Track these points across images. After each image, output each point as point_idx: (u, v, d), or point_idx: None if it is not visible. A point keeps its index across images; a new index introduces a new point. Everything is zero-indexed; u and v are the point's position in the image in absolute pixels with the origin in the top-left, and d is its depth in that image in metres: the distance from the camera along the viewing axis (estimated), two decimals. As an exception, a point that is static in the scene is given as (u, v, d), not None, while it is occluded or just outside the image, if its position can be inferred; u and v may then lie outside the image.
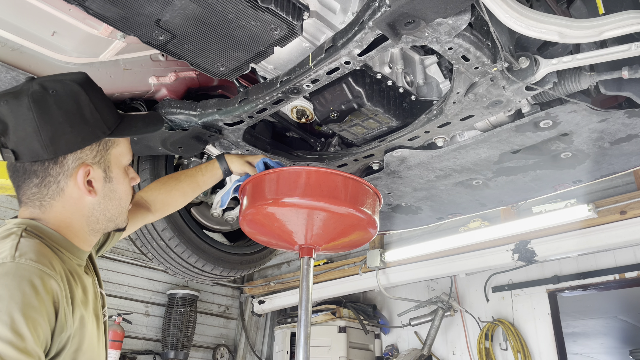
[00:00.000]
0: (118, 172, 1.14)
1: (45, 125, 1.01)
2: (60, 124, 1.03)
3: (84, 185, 1.07)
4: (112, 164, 1.13)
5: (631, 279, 4.11)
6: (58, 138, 1.03)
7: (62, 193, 1.06)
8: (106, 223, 1.14)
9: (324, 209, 1.50)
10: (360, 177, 1.58)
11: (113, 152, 1.14)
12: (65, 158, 1.05)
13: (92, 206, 1.10)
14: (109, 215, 1.13)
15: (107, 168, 1.12)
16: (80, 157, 1.07)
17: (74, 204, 1.07)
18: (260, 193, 1.56)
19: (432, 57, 1.89)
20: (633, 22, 1.27)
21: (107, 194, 1.12)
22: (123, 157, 1.17)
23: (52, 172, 1.05)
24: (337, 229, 1.58)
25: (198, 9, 1.38)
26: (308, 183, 1.49)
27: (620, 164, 2.02)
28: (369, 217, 1.57)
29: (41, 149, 1.02)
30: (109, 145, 1.13)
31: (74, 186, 1.07)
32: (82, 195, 1.08)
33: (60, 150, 1.04)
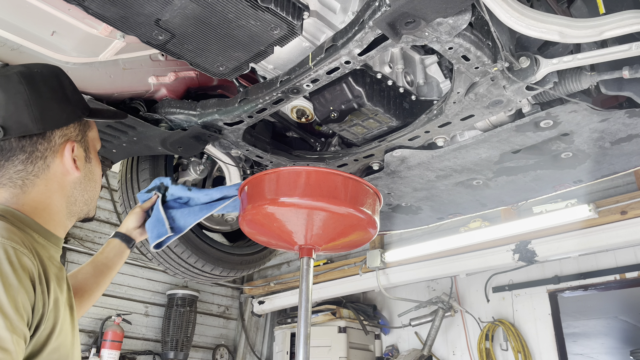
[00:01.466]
0: (95, 154, 1.17)
1: (36, 100, 1.03)
2: (48, 100, 1.05)
3: (71, 161, 1.08)
4: (90, 145, 1.16)
5: (632, 279, 4.11)
6: (46, 113, 1.04)
7: (47, 170, 1.06)
8: (82, 206, 1.14)
9: (324, 209, 1.49)
10: (360, 177, 1.58)
11: (90, 135, 1.17)
12: (52, 133, 1.06)
13: (74, 185, 1.10)
14: (86, 196, 1.14)
15: (86, 148, 1.14)
16: (66, 133, 1.09)
17: (57, 182, 1.07)
18: (260, 193, 1.56)
19: (433, 56, 1.89)
20: (633, 21, 1.27)
21: (87, 174, 1.14)
22: (97, 141, 1.20)
23: (40, 148, 1.04)
24: (337, 229, 1.58)
25: (198, 8, 1.38)
26: (308, 183, 1.49)
27: (620, 163, 2.02)
28: (369, 217, 1.57)
29: (31, 123, 1.02)
30: (87, 127, 1.16)
31: (59, 163, 1.07)
32: (65, 172, 1.08)
33: (49, 125, 1.05)
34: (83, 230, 5.15)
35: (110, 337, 4.80)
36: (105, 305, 5.18)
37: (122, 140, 1.95)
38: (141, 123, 1.88)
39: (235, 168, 2.31)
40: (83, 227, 5.14)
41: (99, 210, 5.31)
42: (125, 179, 2.33)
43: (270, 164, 2.16)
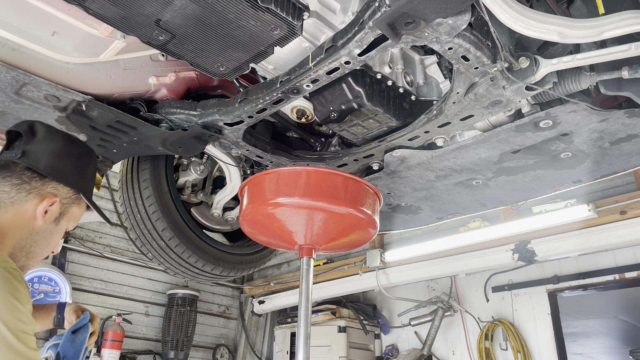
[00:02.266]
0: (64, 225, 1.27)
1: (63, 155, 1.22)
2: (70, 161, 1.24)
3: (43, 209, 1.18)
4: (67, 215, 1.26)
5: (631, 279, 4.11)
6: (60, 167, 1.21)
7: (22, 204, 1.16)
8: (23, 256, 1.19)
9: (324, 209, 1.50)
10: (360, 177, 1.58)
11: (74, 209, 1.28)
12: (50, 182, 1.20)
13: (31, 232, 1.18)
14: (32, 249, 1.20)
15: (62, 214, 1.25)
16: (59, 190, 1.22)
17: (21, 219, 1.16)
18: (260, 193, 1.56)
19: (432, 57, 1.89)
20: (633, 22, 1.27)
21: (46, 232, 1.21)
22: (75, 220, 1.30)
23: (33, 183, 1.18)
24: (337, 229, 1.58)
25: (198, 9, 1.38)
26: (308, 183, 1.49)
27: (620, 163, 2.02)
28: (369, 217, 1.57)
29: (43, 164, 1.18)
30: (76, 202, 1.28)
31: (35, 205, 1.18)
32: (33, 217, 1.17)
33: (53, 174, 1.20)
34: (84, 230, 5.16)
35: (111, 336, 4.80)
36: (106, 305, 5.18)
37: (123, 140, 1.96)
38: (141, 123, 1.88)
39: (235, 168, 2.31)
40: (83, 227, 5.14)
41: (99, 210, 5.30)
42: (125, 179, 2.33)
43: (270, 164, 2.17)
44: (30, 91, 1.69)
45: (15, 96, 1.70)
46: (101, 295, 5.17)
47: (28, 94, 1.70)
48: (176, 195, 2.33)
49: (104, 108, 1.80)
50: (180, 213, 2.31)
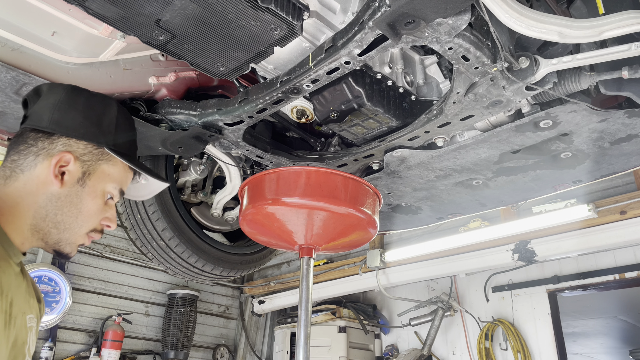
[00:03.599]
0: (95, 186, 1.09)
1: (64, 105, 1.08)
2: (77, 110, 1.09)
3: (55, 168, 1.04)
4: (95, 174, 1.09)
5: (631, 279, 4.11)
6: (66, 120, 1.07)
7: (33, 169, 1.04)
8: (51, 227, 1.05)
9: (324, 209, 1.50)
10: (360, 177, 1.58)
11: (103, 167, 1.11)
12: (58, 139, 1.07)
13: (50, 198, 1.04)
14: (59, 218, 1.05)
15: (87, 173, 1.09)
16: (71, 145, 1.07)
17: (36, 186, 1.03)
18: (260, 193, 1.56)
19: (432, 57, 1.89)
20: (633, 22, 1.27)
21: (71, 195, 1.06)
22: (110, 180, 1.12)
23: (39, 144, 1.05)
24: (337, 229, 1.58)
25: (198, 9, 1.38)
26: (308, 183, 1.49)
27: (620, 164, 2.02)
28: (369, 217, 1.57)
29: (46, 120, 1.06)
30: (104, 158, 1.11)
31: (46, 167, 1.04)
32: (49, 180, 1.04)
33: (60, 129, 1.06)
34: (83, 230, 5.16)
35: (111, 336, 4.80)
36: (106, 304, 5.18)
37: (123, 140, 1.95)
38: (141, 123, 1.88)
39: (235, 168, 2.31)
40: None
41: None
42: (125, 178, 2.33)
43: (270, 164, 2.17)
44: (30, 91, 1.69)
45: (15, 96, 1.70)
46: (101, 295, 5.17)
47: (28, 94, 1.70)
48: (176, 195, 2.33)
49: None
50: (180, 213, 2.31)
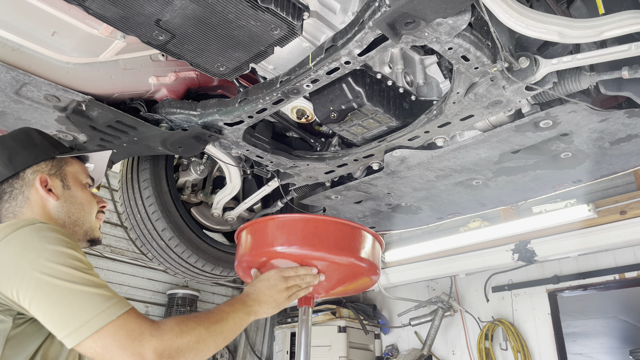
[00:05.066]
0: (75, 183, 1.33)
1: (3, 151, 1.26)
2: (13, 148, 1.28)
3: (43, 189, 1.25)
4: (68, 176, 1.32)
5: (631, 279, 4.11)
6: (14, 158, 1.26)
7: (29, 201, 1.24)
8: (73, 227, 1.28)
9: (324, 259, 1.42)
10: (360, 225, 1.51)
11: (68, 169, 1.33)
12: (24, 172, 1.26)
13: (56, 209, 1.26)
14: (73, 218, 1.29)
15: (64, 179, 1.31)
16: (37, 169, 1.28)
17: (40, 208, 1.25)
18: (257, 241, 1.47)
19: (432, 57, 1.89)
20: (633, 22, 1.27)
21: (68, 199, 1.29)
22: (79, 174, 1.35)
23: (16, 185, 1.25)
24: (338, 277, 1.50)
25: (198, 9, 1.38)
26: (307, 232, 1.41)
27: (620, 163, 2.02)
28: (371, 264, 1.50)
29: (3, 169, 1.25)
30: (62, 163, 1.33)
31: (36, 193, 1.25)
32: (44, 199, 1.25)
33: (18, 166, 1.26)
34: (83, 230, 5.16)
35: (111, 336, 4.80)
36: (105, 305, 5.18)
37: (123, 140, 1.96)
38: (142, 123, 1.88)
39: (235, 168, 2.31)
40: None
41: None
42: (125, 179, 2.33)
43: (271, 164, 2.17)
44: (30, 91, 1.69)
45: (15, 96, 1.70)
46: (101, 295, 5.16)
47: (28, 94, 1.70)
48: (176, 195, 2.33)
49: (104, 108, 1.80)
50: (180, 213, 2.31)
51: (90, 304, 0.99)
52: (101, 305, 1.00)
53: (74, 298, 1.00)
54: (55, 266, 1.02)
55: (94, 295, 1.01)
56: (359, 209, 2.56)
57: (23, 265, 1.01)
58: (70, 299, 0.99)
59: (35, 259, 1.02)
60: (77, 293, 1.00)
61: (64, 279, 1.01)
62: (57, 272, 1.01)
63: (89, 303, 0.99)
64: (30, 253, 1.03)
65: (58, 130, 1.88)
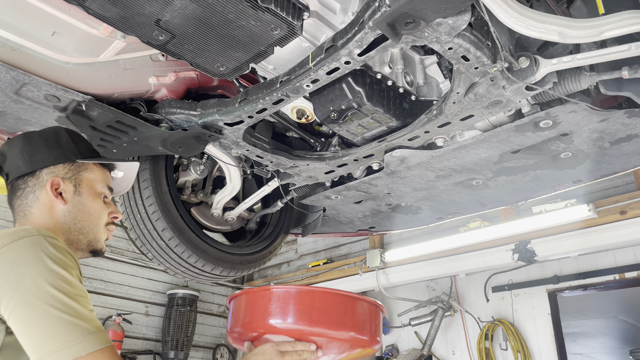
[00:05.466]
0: (89, 191, 1.31)
1: (27, 147, 1.28)
2: (38, 145, 1.29)
3: (53, 191, 1.25)
4: (83, 183, 1.31)
5: (631, 279, 4.11)
6: (35, 155, 1.27)
7: (38, 201, 1.25)
8: (77, 234, 1.27)
9: (323, 335, 1.34)
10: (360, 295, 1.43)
11: (85, 175, 1.32)
12: (40, 172, 1.27)
13: (63, 214, 1.26)
14: (79, 225, 1.27)
15: (77, 184, 1.29)
16: (53, 171, 1.28)
17: (48, 210, 1.25)
18: (250, 313, 1.39)
19: (432, 57, 1.89)
20: (633, 22, 1.27)
21: (77, 205, 1.28)
22: (96, 182, 1.33)
23: (30, 184, 1.26)
24: (336, 351, 1.43)
25: (198, 9, 1.38)
26: (304, 305, 1.32)
27: (620, 163, 2.02)
28: (371, 335, 1.43)
29: (23, 165, 1.26)
30: (81, 169, 1.32)
31: (46, 194, 1.25)
32: (53, 202, 1.25)
33: (37, 164, 1.26)
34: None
35: (111, 336, 4.80)
36: (106, 304, 5.18)
37: (123, 140, 1.96)
38: (142, 123, 1.88)
39: (235, 168, 2.31)
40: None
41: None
42: (125, 178, 2.33)
43: (271, 164, 2.17)
44: (30, 91, 1.69)
45: (15, 96, 1.70)
46: (101, 295, 5.17)
47: (28, 94, 1.70)
48: (176, 195, 2.33)
49: (104, 108, 1.80)
50: (180, 213, 2.31)
51: (64, 333, 0.96)
52: (75, 338, 0.96)
53: (49, 324, 0.97)
54: (42, 286, 1.00)
55: (70, 325, 0.98)
56: (359, 209, 2.56)
57: (10, 280, 1.00)
58: (46, 324, 0.97)
59: (22, 275, 1.00)
60: (54, 319, 0.97)
61: (46, 302, 0.98)
62: (41, 292, 0.99)
63: (63, 332, 0.96)
64: (20, 268, 1.01)
65: (58, 130, 1.88)
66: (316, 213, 2.71)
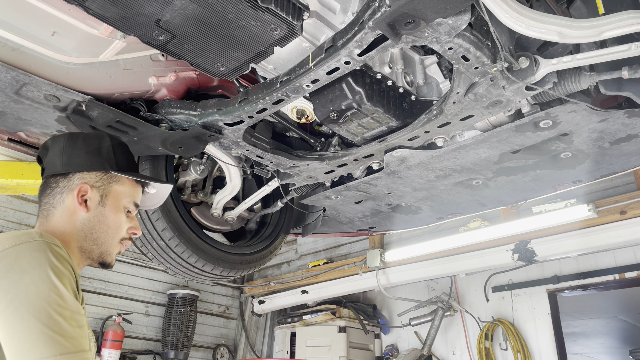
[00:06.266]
0: (114, 203, 1.31)
1: (68, 148, 1.30)
2: (79, 149, 1.31)
3: (78, 197, 1.26)
4: (110, 194, 1.31)
5: (631, 279, 4.11)
6: (73, 158, 1.29)
7: (63, 204, 1.26)
8: (91, 244, 1.27)
9: None
10: None
11: (115, 187, 1.32)
12: (73, 175, 1.28)
13: (83, 221, 1.26)
14: (95, 236, 1.28)
15: (104, 195, 1.30)
16: (85, 177, 1.29)
17: (69, 215, 1.26)
18: None
19: (432, 57, 1.89)
20: (633, 22, 1.27)
21: (97, 215, 1.28)
22: (124, 196, 1.34)
23: (60, 184, 1.28)
24: None
25: (198, 9, 1.38)
26: None
27: (620, 163, 2.02)
28: None
29: (59, 165, 1.29)
30: (113, 180, 1.32)
31: (72, 199, 1.26)
32: (76, 208, 1.26)
33: (71, 167, 1.29)
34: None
35: (111, 336, 4.80)
36: (106, 304, 5.18)
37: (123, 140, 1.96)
38: (142, 123, 1.88)
39: (235, 168, 2.31)
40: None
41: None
42: (125, 178, 2.32)
43: (271, 164, 2.17)
44: (30, 91, 1.69)
45: (15, 96, 1.70)
46: (101, 295, 5.17)
47: (28, 94, 1.70)
48: (176, 195, 2.33)
49: (104, 108, 1.80)
50: (180, 213, 2.31)
51: (41, 348, 0.95)
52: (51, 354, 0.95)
53: (30, 335, 0.96)
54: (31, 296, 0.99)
55: (50, 340, 0.96)
56: (359, 209, 2.56)
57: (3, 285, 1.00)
58: (26, 336, 0.96)
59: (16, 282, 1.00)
60: (35, 331, 0.96)
61: (32, 313, 0.98)
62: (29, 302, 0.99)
63: (41, 347, 0.95)
64: (15, 274, 1.01)
65: (58, 131, 1.88)
66: (316, 213, 2.71)
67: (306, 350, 5.25)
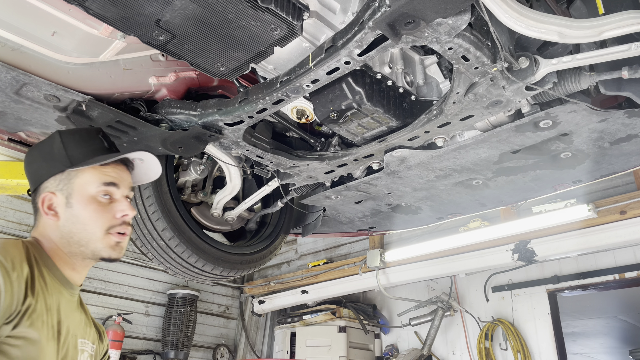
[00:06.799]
0: (80, 199, 1.25)
1: (29, 163, 1.30)
2: (36, 160, 1.29)
3: (44, 209, 1.24)
4: (74, 192, 1.25)
5: (631, 279, 4.11)
6: (35, 172, 1.28)
7: (40, 219, 1.26)
8: (78, 247, 1.24)
9: None
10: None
11: (76, 181, 1.26)
12: (40, 187, 1.26)
13: (59, 228, 1.24)
14: (76, 238, 1.23)
15: (69, 195, 1.24)
16: (46, 186, 1.26)
17: (48, 225, 1.24)
18: None
19: (432, 57, 1.89)
20: (633, 22, 1.27)
21: (70, 218, 1.24)
22: (89, 185, 1.25)
23: (35, 200, 1.27)
24: None
25: (198, 9, 1.38)
26: None
27: (620, 163, 2.02)
28: None
29: (30, 182, 1.29)
30: (72, 176, 1.26)
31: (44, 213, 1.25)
32: (48, 220, 1.24)
33: (36, 181, 1.27)
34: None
35: (111, 336, 4.80)
36: (106, 304, 5.18)
37: (123, 141, 1.96)
38: (142, 123, 1.88)
39: (235, 168, 2.31)
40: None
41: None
42: (125, 178, 2.32)
43: (271, 164, 2.17)
44: (30, 91, 1.69)
45: (15, 96, 1.70)
46: (101, 295, 5.17)
47: (28, 94, 1.70)
48: (176, 195, 2.33)
49: (104, 108, 1.80)
50: (180, 213, 2.31)
51: None
52: None
53: None
54: None
55: None
56: (359, 209, 2.56)
57: None
58: None
59: None
60: None
61: None
62: None
63: None
64: None
65: (58, 130, 1.88)
66: (316, 213, 2.71)
67: (306, 350, 5.26)
